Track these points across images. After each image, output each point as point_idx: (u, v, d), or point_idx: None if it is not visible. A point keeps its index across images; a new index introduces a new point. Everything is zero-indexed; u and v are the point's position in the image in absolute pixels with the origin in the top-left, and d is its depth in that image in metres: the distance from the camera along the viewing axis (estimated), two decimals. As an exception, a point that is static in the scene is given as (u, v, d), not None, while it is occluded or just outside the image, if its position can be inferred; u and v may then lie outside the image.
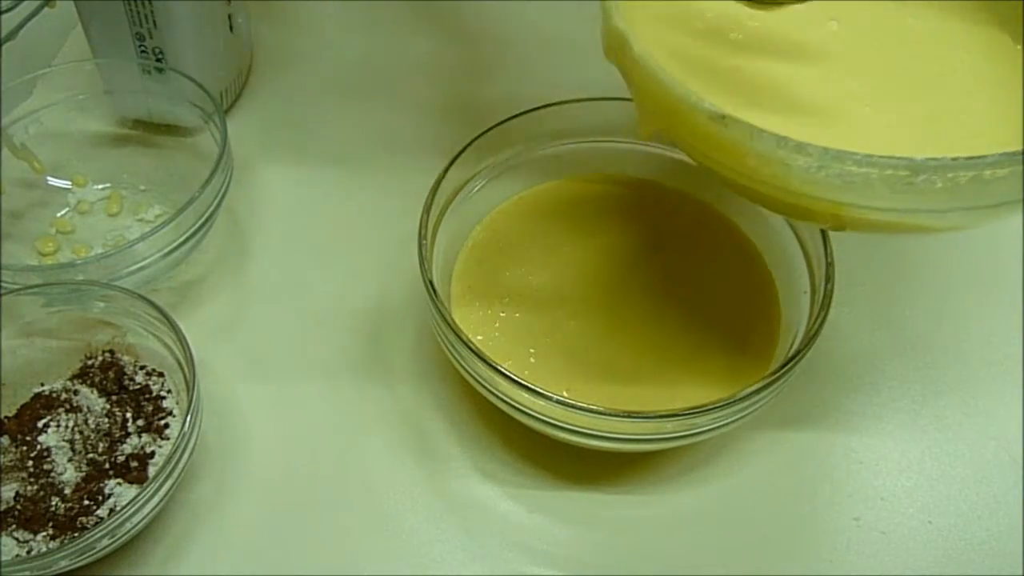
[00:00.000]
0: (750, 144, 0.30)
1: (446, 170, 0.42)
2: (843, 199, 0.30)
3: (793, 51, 0.36)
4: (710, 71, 0.35)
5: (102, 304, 0.41)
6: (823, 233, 0.39)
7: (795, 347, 0.38)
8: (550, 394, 0.35)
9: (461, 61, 0.60)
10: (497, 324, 0.42)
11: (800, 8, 0.37)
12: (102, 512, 0.37)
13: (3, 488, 0.38)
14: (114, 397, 0.40)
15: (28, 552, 0.36)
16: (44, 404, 0.40)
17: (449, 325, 0.37)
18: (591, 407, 0.35)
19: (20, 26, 0.54)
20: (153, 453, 0.39)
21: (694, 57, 0.35)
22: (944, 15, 0.37)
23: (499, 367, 0.36)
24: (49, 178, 0.50)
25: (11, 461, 0.38)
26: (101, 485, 0.38)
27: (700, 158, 0.33)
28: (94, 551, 0.35)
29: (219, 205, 0.45)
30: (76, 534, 0.36)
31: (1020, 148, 0.27)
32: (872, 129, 0.33)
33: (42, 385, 0.41)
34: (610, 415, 0.35)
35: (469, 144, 0.43)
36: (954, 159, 0.27)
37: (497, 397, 0.37)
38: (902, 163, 0.28)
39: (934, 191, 0.28)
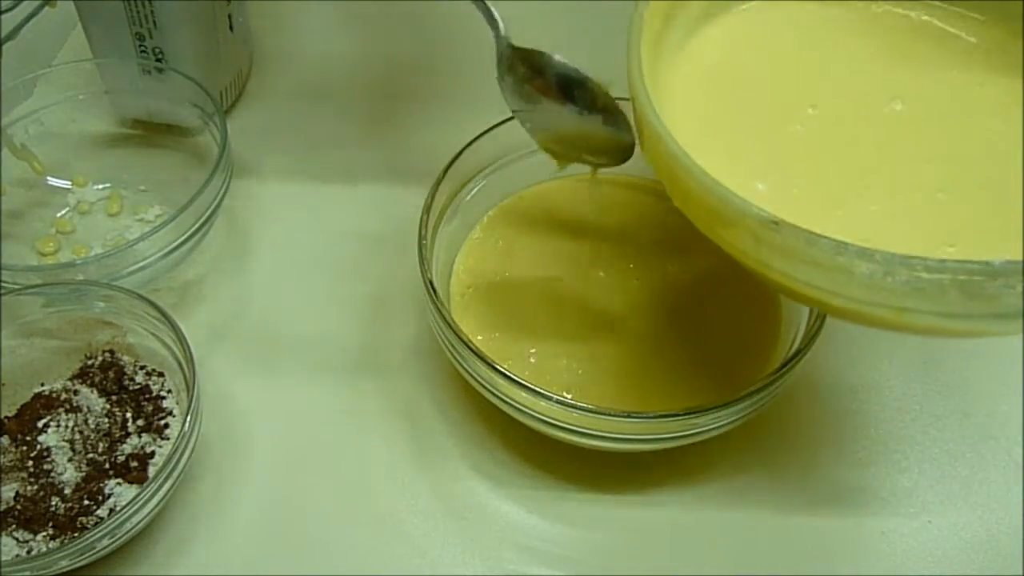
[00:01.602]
0: (806, 250, 0.27)
1: (446, 170, 0.42)
2: (909, 305, 0.27)
3: (858, 139, 0.34)
4: (771, 168, 0.33)
5: (102, 304, 0.41)
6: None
7: (795, 347, 0.38)
8: (550, 394, 0.35)
9: (462, 60, 0.60)
10: (497, 324, 0.42)
11: (862, 91, 0.35)
12: (102, 512, 0.37)
13: (3, 488, 0.38)
14: (114, 397, 0.40)
15: (28, 552, 0.36)
16: (44, 404, 0.40)
17: (449, 325, 0.37)
18: (591, 407, 0.35)
19: (20, 26, 0.54)
20: (153, 453, 0.39)
21: (750, 156, 0.33)
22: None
23: (499, 367, 0.36)
24: (49, 178, 0.50)
25: (11, 461, 0.38)
26: (101, 485, 0.38)
27: (750, 263, 0.30)
28: (94, 551, 0.35)
29: (219, 205, 0.45)
30: (76, 534, 0.36)
31: None
32: (946, 218, 0.31)
33: (42, 385, 0.41)
34: (610, 415, 0.35)
35: (469, 144, 0.43)
36: None
37: (497, 397, 0.37)
38: (978, 268, 0.25)
39: (1013, 295, 0.26)
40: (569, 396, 0.39)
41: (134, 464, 0.38)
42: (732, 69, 0.36)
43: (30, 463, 0.38)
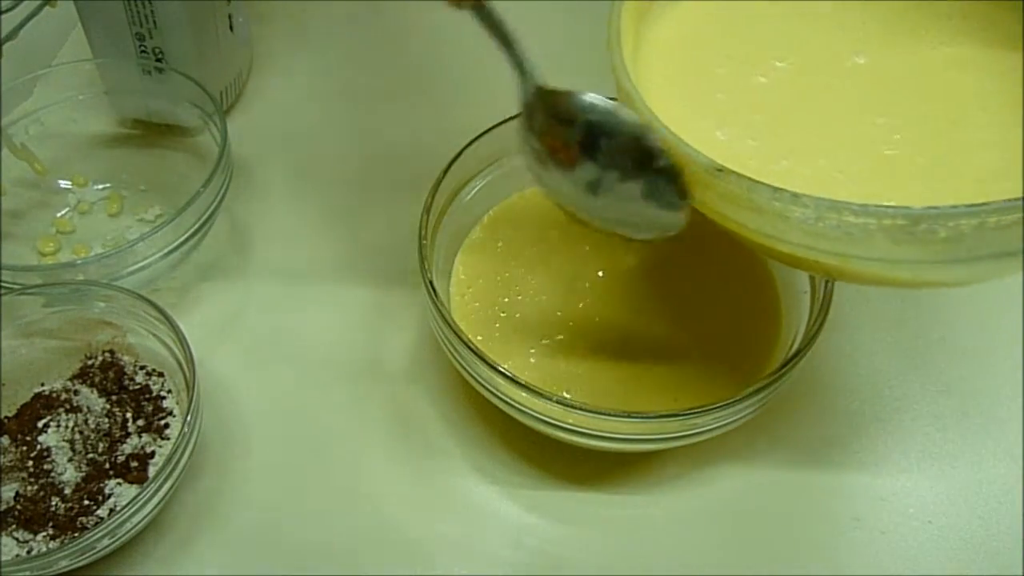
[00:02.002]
0: (747, 196, 0.29)
1: (446, 170, 0.42)
2: (846, 251, 0.29)
3: (819, 92, 0.34)
4: (733, 118, 0.34)
5: (102, 304, 0.41)
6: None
7: (795, 347, 0.38)
8: (550, 394, 0.35)
9: (462, 59, 0.60)
10: (497, 324, 0.42)
11: (829, 47, 0.36)
12: (102, 512, 0.37)
13: (3, 488, 0.38)
14: (114, 397, 0.40)
15: (28, 552, 0.36)
16: (44, 404, 0.40)
17: (449, 325, 0.37)
18: (591, 407, 0.35)
19: (20, 26, 0.54)
20: (153, 453, 0.39)
21: (715, 106, 0.34)
22: (973, 40, 0.35)
23: (499, 367, 0.36)
24: (49, 178, 0.50)
25: (11, 461, 0.38)
26: (101, 485, 0.38)
27: (710, 214, 0.32)
28: (94, 551, 0.35)
29: (219, 205, 0.45)
30: (76, 534, 0.36)
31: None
32: (889, 173, 0.32)
33: (42, 385, 0.41)
34: (610, 415, 0.35)
35: (469, 144, 0.43)
36: (954, 207, 0.26)
37: (497, 397, 0.37)
38: (900, 212, 0.26)
39: (938, 241, 0.27)
40: (569, 396, 0.39)
41: (134, 464, 0.38)
42: (710, 28, 0.37)
43: (30, 463, 0.38)
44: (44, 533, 0.37)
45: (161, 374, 0.42)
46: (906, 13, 0.36)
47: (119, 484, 0.38)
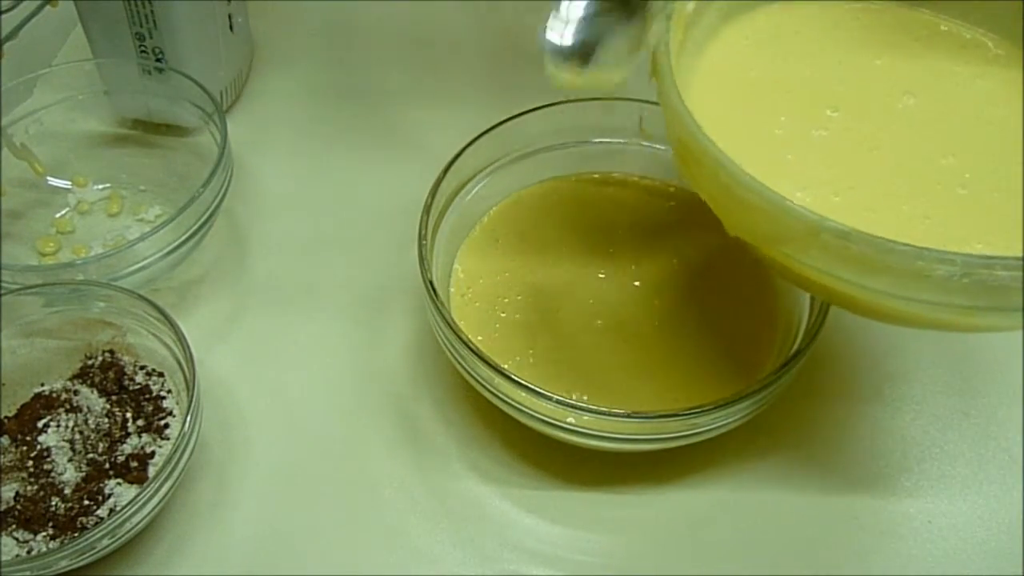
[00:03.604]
0: (881, 257, 0.28)
1: (446, 170, 0.42)
2: (981, 303, 0.28)
3: (879, 138, 0.34)
4: (808, 176, 0.33)
5: (102, 304, 0.41)
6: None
7: (795, 347, 0.38)
8: (550, 394, 0.35)
9: (461, 61, 0.60)
10: (497, 324, 0.42)
11: (876, 88, 0.36)
12: (102, 512, 0.37)
13: (3, 488, 0.38)
14: (114, 397, 0.40)
15: (28, 552, 0.36)
16: (44, 404, 0.40)
17: (449, 325, 0.37)
18: (591, 407, 0.35)
19: (20, 26, 0.54)
20: (153, 453, 0.39)
21: (787, 167, 0.33)
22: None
23: (499, 367, 0.36)
24: (49, 178, 0.50)
25: (11, 461, 0.38)
26: (101, 485, 0.38)
27: (814, 275, 0.30)
28: (94, 551, 0.35)
29: (219, 205, 0.45)
30: (76, 534, 0.36)
31: None
32: (971, 214, 0.31)
33: (42, 385, 0.41)
34: (610, 415, 0.35)
35: (469, 144, 0.43)
36: None
37: (497, 397, 0.37)
38: None
39: None
40: (569, 396, 0.39)
41: (134, 464, 0.38)
42: (751, 74, 0.37)
43: (30, 463, 0.38)
44: (44, 533, 0.37)
45: (161, 374, 0.42)
46: (941, 51, 0.36)
47: (119, 484, 0.38)
